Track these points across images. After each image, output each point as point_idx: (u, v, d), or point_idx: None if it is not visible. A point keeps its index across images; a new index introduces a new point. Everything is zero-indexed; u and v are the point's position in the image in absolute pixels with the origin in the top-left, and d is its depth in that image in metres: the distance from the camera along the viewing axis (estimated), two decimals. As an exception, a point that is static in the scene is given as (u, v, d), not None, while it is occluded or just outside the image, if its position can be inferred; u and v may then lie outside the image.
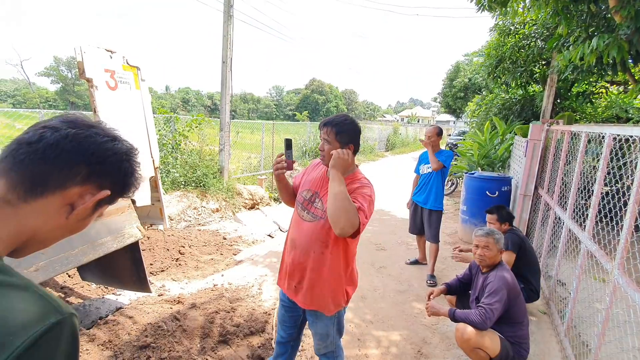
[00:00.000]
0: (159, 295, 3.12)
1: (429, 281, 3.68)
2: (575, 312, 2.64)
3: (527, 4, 4.30)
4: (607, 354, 2.23)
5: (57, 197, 0.59)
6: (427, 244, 3.95)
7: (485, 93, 9.48)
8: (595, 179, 2.46)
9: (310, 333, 1.88)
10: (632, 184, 1.87)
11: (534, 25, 5.99)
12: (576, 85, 6.72)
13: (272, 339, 2.57)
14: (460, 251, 2.92)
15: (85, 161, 0.60)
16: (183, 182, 5.97)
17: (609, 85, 6.78)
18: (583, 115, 6.78)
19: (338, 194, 1.40)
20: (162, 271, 3.80)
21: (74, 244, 2.13)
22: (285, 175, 1.71)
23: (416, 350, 2.58)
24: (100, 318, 2.69)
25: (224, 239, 4.87)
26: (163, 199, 4.67)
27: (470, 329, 2.09)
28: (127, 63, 3.67)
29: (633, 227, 1.86)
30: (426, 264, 4.06)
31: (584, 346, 2.38)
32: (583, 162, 2.89)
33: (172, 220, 5.17)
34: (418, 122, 52.15)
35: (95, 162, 0.61)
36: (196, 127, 6.77)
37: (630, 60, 3.92)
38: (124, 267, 2.80)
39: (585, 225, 2.54)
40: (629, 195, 1.88)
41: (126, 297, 3.10)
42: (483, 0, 3.90)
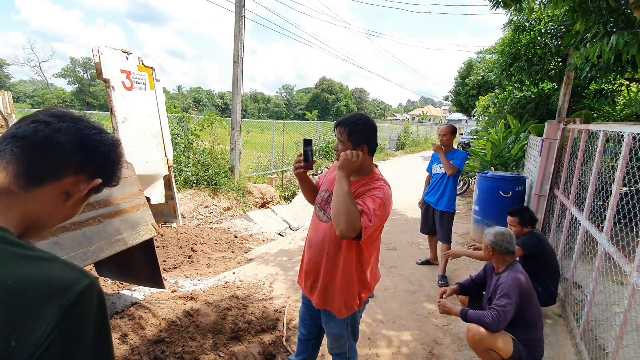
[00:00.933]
0: (172, 292, 3.18)
1: (440, 282, 3.65)
2: (592, 315, 2.58)
3: (544, 0, 4.20)
4: (625, 359, 2.17)
5: (54, 186, 0.63)
6: (439, 244, 3.91)
7: (498, 91, 9.30)
8: (614, 179, 2.41)
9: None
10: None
11: (549, 21, 5.86)
12: (594, 82, 6.55)
13: (283, 337, 2.60)
14: (475, 249, 2.89)
15: (78, 152, 0.64)
16: (195, 181, 6.06)
17: (627, 82, 6.58)
18: (601, 114, 6.60)
19: (339, 196, 1.40)
20: (175, 268, 3.88)
21: (92, 240, 2.19)
22: (308, 174, 1.71)
23: (427, 351, 2.57)
24: (117, 312, 2.76)
25: (235, 237, 4.93)
26: (176, 197, 4.75)
27: (482, 330, 2.06)
28: (142, 64, 3.75)
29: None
30: (437, 264, 4.02)
31: (600, 350, 2.32)
32: (601, 161, 2.83)
33: (185, 218, 5.26)
34: (429, 121, 51.60)
35: (87, 153, 0.66)
36: (208, 126, 6.85)
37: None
38: (139, 263, 2.86)
39: (602, 227, 2.48)
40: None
41: (141, 292, 3.18)
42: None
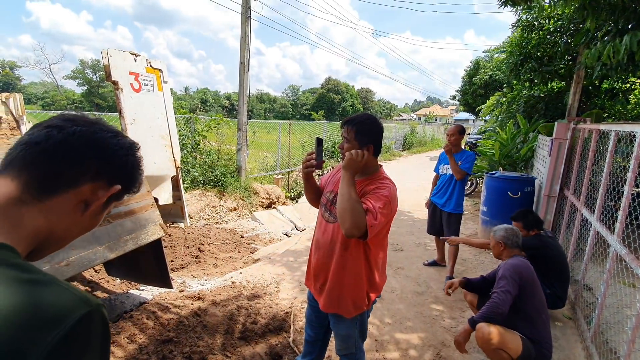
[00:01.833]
0: (180, 292, 3.21)
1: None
2: (603, 318, 2.54)
3: None
4: (637, 363, 2.14)
5: (70, 195, 0.59)
6: (446, 245, 3.88)
7: (506, 90, 9.20)
8: (626, 179, 2.37)
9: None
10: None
11: (559, 20, 5.78)
12: (605, 82, 6.44)
13: (290, 338, 2.60)
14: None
15: (94, 157, 0.60)
16: (202, 181, 6.11)
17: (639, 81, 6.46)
18: (612, 113, 6.49)
19: (344, 195, 1.41)
20: (182, 268, 3.91)
21: (101, 240, 2.22)
22: (313, 175, 1.71)
23: (435, 353, 2.55)
24: (125, 312, 2.79)
25: (242, 237, 4.95)
26: (184, 197, 4.79)
27: (491, 329, 2.05)
28: (150, 66, 3.78)
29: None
30: (445, 265, 3.99)
31: (611, 353, 2.29)
32: (612, 162, 2.78)
33: (192, 218, 5.30)
34: (436, 120, 51.23)
35: (104, 157, 0.61)
36: (214, 127, 6.90)
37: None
38: (148, 263, 2.89)
39: (614, 228, 2.43)
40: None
41: (149, 292, 3.21)
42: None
